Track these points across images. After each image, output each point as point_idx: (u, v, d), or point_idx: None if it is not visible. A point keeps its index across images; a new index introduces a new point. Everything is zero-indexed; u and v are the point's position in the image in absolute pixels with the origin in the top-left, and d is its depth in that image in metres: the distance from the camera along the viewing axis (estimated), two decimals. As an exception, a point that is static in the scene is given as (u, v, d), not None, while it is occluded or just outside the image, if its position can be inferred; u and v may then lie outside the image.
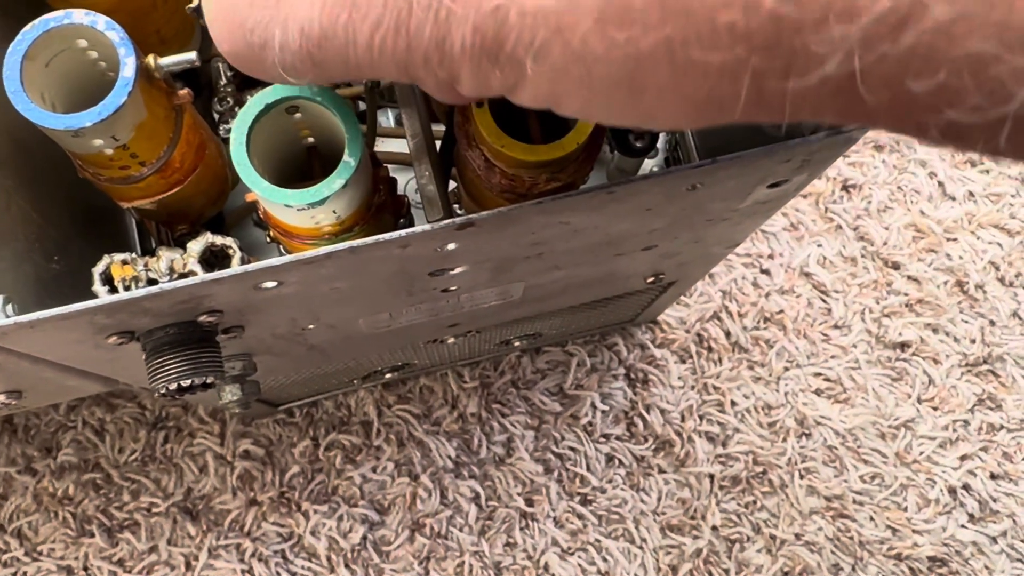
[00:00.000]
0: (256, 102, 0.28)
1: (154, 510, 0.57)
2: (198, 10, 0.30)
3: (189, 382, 0.30)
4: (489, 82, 0.18)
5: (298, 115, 0.30)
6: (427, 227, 0.27)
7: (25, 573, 0.56)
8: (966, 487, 0.61)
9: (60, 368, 0.32)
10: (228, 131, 0.40)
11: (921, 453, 0.61)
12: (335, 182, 0.28)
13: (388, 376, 0.56)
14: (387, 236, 0.27)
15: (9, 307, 0.27)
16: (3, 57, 0.30)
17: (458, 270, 0.33)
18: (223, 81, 0.41)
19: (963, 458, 0.61)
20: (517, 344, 0.57)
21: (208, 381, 0.31)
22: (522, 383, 0.61)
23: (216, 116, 0.41)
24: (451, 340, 0.49)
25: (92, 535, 0.56)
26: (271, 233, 0.35)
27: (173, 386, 0.30)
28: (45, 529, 0.56)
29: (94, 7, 0.31)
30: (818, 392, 0.62)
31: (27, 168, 0.32)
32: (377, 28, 0.18)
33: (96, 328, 0.28)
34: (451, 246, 0.29)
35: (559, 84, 0.18)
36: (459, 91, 0.20)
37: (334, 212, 0.29)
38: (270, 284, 0.28)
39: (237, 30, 0.21)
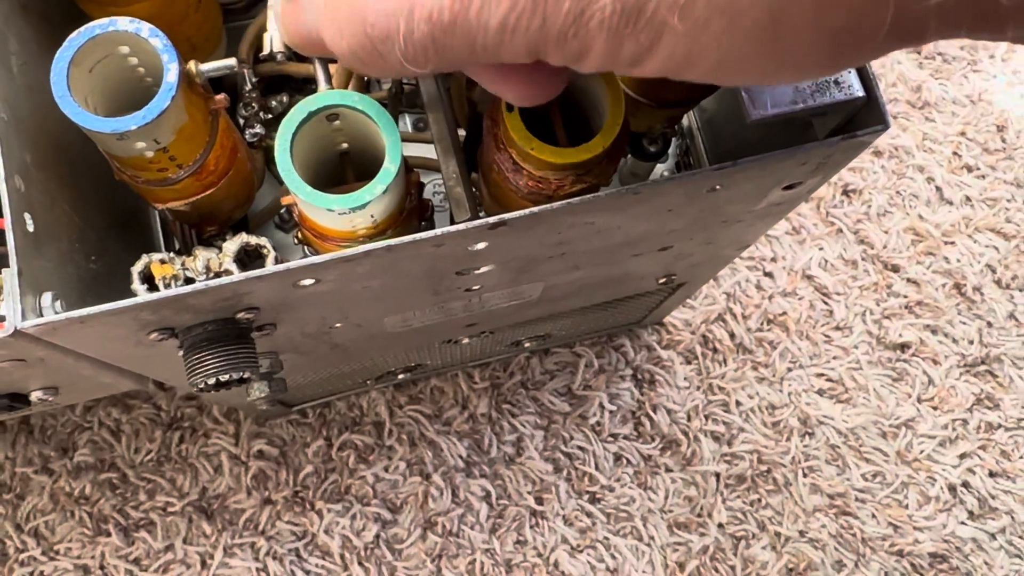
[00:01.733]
0: (300, 110, 0.29)
1: (170, 509, 0.58)
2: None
3: (227, 377, 0.31)
4: (620, 51, 0.19)
5: (337, 122, 0.31)
6: (461, 226, 0.28)
7: (42, 572, 0.56)
8: (965, 485, 0.62)
9: (99, 365, 0.33)
10: (254, 135, 0.41)
11: (921, 452, 0.63)
12: (376, 187, 0.29)
13: (401, 377, 0.57)
14: (423, 235, 0.28)
15: (58, 303, 0.28)
16: (46, 62, 0.31)
17: (484, 269, 0.34)
18: (248, 87, 0.42)
19: (962, 456, 0.63)
20: (527, 345, 0.58)
21: (244, 376, 0.32)
22: (531, 384, 0.62)
23: (241, 121, 0.42)
24: (466, 340, 0.50)
25: (108, 534, 0.57)
26: (300, 235, 0.36)
27: (212, 381, 0.31)
28: (62, 528, 0.57)
29: (131, 15, 0.32)
30: (820, 392, 0.63)
31: (69, 172, 0.33)
32: (513, 9, 0.19)
33: (140, 324, 0.29)
34: (481, 245, 0.30)
35: (697, 42, 0.18)
36: (581, 67, 0.20)
37: (371, 216, 0.31)
38: (308, 281, 0.29)
39: (358, 26, 0.21)
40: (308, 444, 0.59)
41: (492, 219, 0.28)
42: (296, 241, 0.37)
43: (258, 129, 0.41)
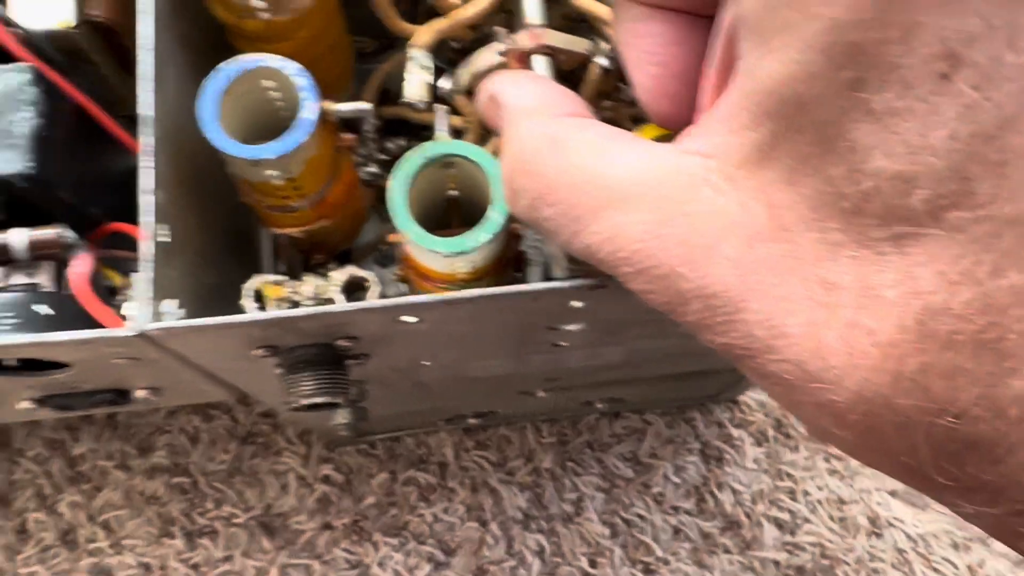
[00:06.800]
0: (419, 155, 0.31)
1: (234, 520, 0.59)
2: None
3: (321, 400, 0.32)
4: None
5: (451, 170, 0.32)
6: (562, 284, 0.29)
7: (108, 564, 0.58)
8: (1039, 611, 0.59)
9: (200, 372, 0.35)
10: (369, 174, 0.43)
11: (994, 571, 0.60)
12: (482, 235, 0.30)
13: (471, 421, 0.58)
14: (523, 288, 0.29)
15: (180, 311, 0.30)
16: (189, 86, 0.34)
17: (574, 327, 0.35)
18: (368, 127, 0.44)
19: (1038, 580, 0.60)
20: (599, 406, 0.59)
21: (337, 401, 0.33)
22: (598, 445, 0.62)
23: (359, 159, 0.44)
24: (541, 394, 0.51)
25: (173, 537, 0.59)
26: (400, 272, 0.37)
27: (307, 402, 0.32)
28: (131, 525, 0.59)
29: (275, 52, 0.35)
30: (893, 493, 0.62)
31: (198, 189, 0.35)
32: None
33: (249, 340, 0.31)
34: (577, 303, 0.31)
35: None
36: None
37: (473, 262, 0.32)
38: (410, 319, 0.30)
39: (526, 212, 0.23)
40: (373, 475, 0.60)
41: (592, 280, 0.29)
42: (395, 277, 0.38)
43: (373, 168, 0.43)
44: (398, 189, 0.30)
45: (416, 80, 0.33)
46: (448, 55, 0.43)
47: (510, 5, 0.37)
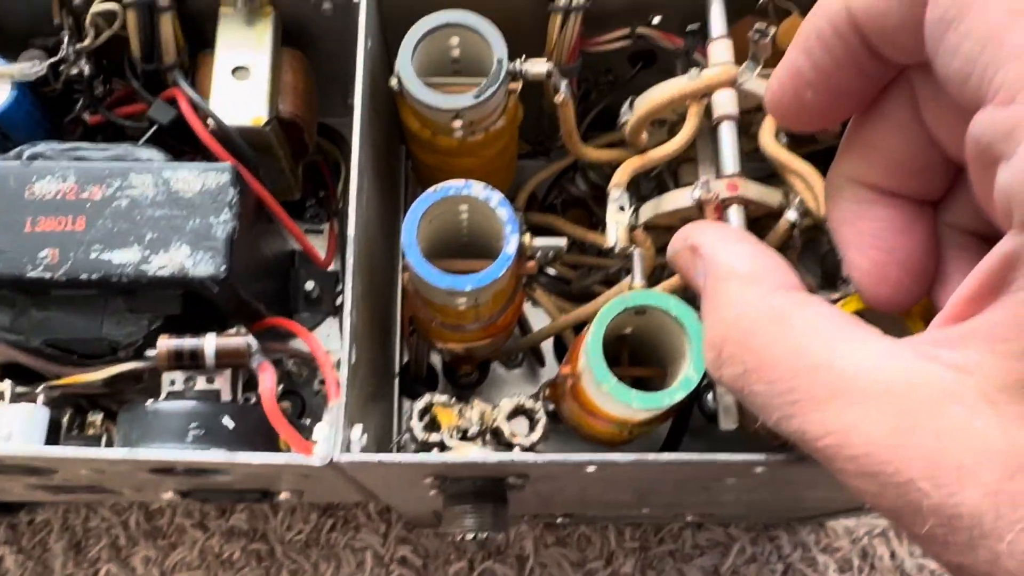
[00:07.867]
0: (620, 304, 0.30)
1: (306, 594, 0.58)
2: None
3: (484, 536, 0.32)
4: None
5: (641, 316, 0.32)
6: (757, 457, 0.29)
7: (175, 626, 0.58)
8: None
9: (358, 486, 0.34)
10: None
11: None
12: (678, 394, 0.30)
13: (559, 520, 0.57)
14: (719, 457, 0.29)
15: (364, 437, 0.29)
16: (370, 194, 0.34)
17: (732, 481, 0.34)
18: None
19: None
20: (689, 519, 0.57)
21: (496, 537, 0.32)
22: (680, 555, 0.60)
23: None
24: (646, 510, 0.50)
25: (245, 604, 0.58)
26: (552, 394, 0.37)
27: (470, 536, 0.31)
28: (203, 587, 0.58)
29: (456, 166, 0.34)
30: (976, 637, 0.60)
31: (373, 303, 0.35)
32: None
33: (426, 472, 0.30)
34: (759, 470, 0.31)
35: None
36: None
37: (654, 413, 0.31)
38: (592, 468, 0.30)
39: (732, 383, 0.23)
40: (450, 562, 0.59)
41: (792, 455, 0.28)
42: (543, 396, 0.38)
43: (519, 277, 0.43)
44: (597, 337, 0.30)
45: (618, 224, 0.32)
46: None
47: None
